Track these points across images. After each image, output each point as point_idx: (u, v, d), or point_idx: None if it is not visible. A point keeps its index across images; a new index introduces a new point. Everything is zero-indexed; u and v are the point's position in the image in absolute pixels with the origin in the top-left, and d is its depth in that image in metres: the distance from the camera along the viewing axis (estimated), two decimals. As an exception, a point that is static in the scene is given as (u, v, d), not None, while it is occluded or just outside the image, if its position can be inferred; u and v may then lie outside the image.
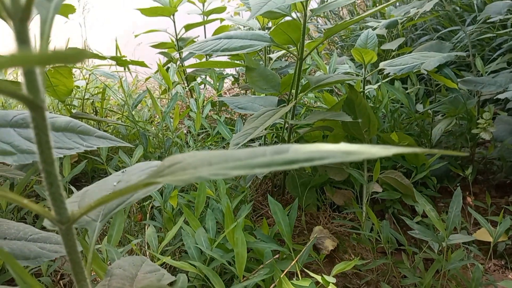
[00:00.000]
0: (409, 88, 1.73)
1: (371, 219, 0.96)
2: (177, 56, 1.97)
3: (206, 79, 1.85)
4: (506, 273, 1.08)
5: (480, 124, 1.29)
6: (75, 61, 0.15)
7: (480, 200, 1.35)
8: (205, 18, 2.01)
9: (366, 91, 1.40)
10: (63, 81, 1.34)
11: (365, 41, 1.27)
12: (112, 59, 1.31)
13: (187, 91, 1.90)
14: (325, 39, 0.96)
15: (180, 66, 1.89)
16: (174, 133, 1.37)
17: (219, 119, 1.39)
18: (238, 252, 0.69)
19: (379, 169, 1.09)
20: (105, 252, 0.71)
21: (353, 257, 1.00)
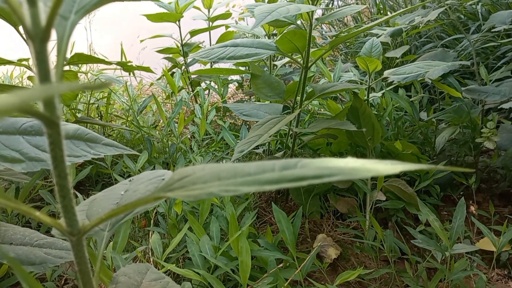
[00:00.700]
0: (413, 96, 1.74)
1: (374, 228, 0.96)
2: (182, 61, 1.98)
3: (210, 84, 1.86)
4: (509, 283, 1.08)
5: (484, 133, 1.30)
6: (103, 88, 0.16)
7: (484, 209, 1.35)
8: (210, 24, 2.02)
9: (370, 99, 1.41)
10: (69, 85, 1.34)
11: (369, 50, 1.28)
12: (118, 64, 1.32)
13: (191, 96, 1.91)
14: (330, 49, 0.96)
15: (185, 71, 1.90)
16: (179, 139, 1.38)
17: (223, 125, 1.40)
18: (243, 261, 0.70)
19: (383, 178, 1.10)
20: (110, 259, 0.72)
21: (356, 265, 1.00)
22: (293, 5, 0.77)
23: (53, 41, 0.28)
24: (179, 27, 1.93)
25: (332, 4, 2.71)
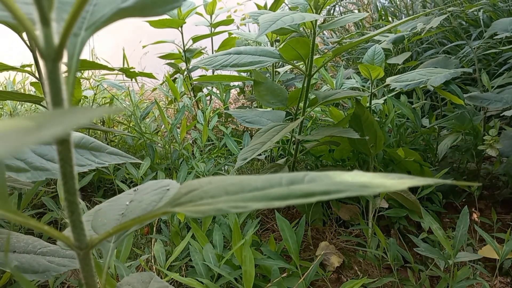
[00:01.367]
0: (415, 102, 1.74)
1: (377, 236, 0.96)
2: (184, 67, 1.98)
3: (212, 90, 1.86)
4: (512, 291, 1.07)
5: (486, 140, 1.30)
6: (122, 111, 0.16)
7: (486, 216, 1.34)
8: (212, 30, 2.02)
9: (372, 105, 1.41)
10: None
11: (372, 57, 1.28)
12: (121, 71, 1.32)
13: (193, 102, 1.91)
14: (332, 57, 0.97)
15: (187, 77, 1.91)
16: (181, 145, 1.38)
17: (226, 132, 1.40)
18: (246, 270, 0.70)
19: (385, 185, 1.09)
20: (114, 268, 0.72)
21: (359, 273, 1.00)
22: (297, 14, 0.77)
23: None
24: (182, 33, 1.94)
25: (334, 10, 2.72)
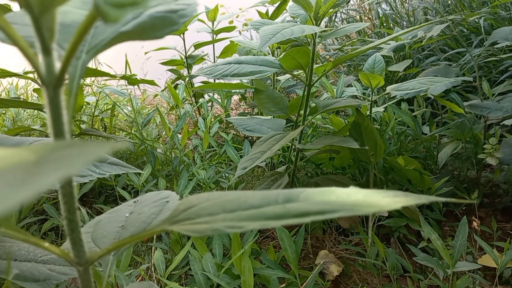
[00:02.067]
0: (415, 110, 1.74)
1: (376, 245, 0.96)
2: (185, 73, 1.99)
3: (213, 96, 1.87)
4: (512, 300, 1.07)
5: (486, 149, 1.30)
6: (126, 144, 0.16)
7: (486, 224, 1.34)
8: (214, 36, 2.03)
9: (372, 113, 1.41)
10: (74, 98, 1.36)
11: (372, 65, 1.29)
12: (123, 78, 1.33)
13: (195, 108, 1.92)
14: (333, 66, 0.97)
15: (189, 83, 1.92)
16: (182, 151, 1.38)
17: (226, 139, 1.41)
18: (245, 280, 0.70)
19: (385, 194, 1.10)
20: (114, 277, 0.72)
21: (359, 282, 1.00)
22: (296, 26, 0.78)
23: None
24: (183, 39, 1.95)
25: (335, 16, 2.73)
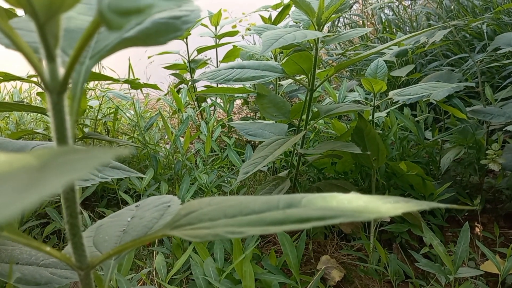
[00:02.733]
0: (418, 115, 1.74)
1: (378, 251, 0.96)
2: (188, 77, 2.00)
3: (216, 101, 1.88)
4: (515, 307, 1.07)
5: (489, 155, 1.30)
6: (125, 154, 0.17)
7: (489, 230, 1.34)
8: (217, 41, 2.04)
9: (375, 118, 1.42)
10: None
11: (375, 71, 1.29)
12: (125, 82, 1.34)
13: (197, 112, 1.92)
14: (335, 71, 0.98)
15: (192, 87, 1.92)
16: (184, 156, 1.39)
17: (229, 143, 1.41)
18: (246, 285, 0.70)
19: (387, 199, 1.09)
20: (115, 281, 0.72)
21: (360, 288, 1.00)
22: (299, 31, 0.78)
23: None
24: (186, 44, 1.96)
25: (338, 21, 2.74)
